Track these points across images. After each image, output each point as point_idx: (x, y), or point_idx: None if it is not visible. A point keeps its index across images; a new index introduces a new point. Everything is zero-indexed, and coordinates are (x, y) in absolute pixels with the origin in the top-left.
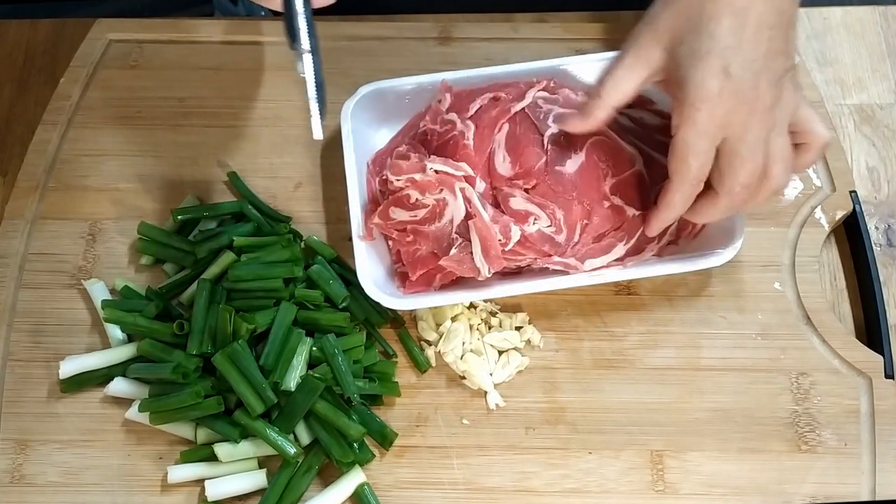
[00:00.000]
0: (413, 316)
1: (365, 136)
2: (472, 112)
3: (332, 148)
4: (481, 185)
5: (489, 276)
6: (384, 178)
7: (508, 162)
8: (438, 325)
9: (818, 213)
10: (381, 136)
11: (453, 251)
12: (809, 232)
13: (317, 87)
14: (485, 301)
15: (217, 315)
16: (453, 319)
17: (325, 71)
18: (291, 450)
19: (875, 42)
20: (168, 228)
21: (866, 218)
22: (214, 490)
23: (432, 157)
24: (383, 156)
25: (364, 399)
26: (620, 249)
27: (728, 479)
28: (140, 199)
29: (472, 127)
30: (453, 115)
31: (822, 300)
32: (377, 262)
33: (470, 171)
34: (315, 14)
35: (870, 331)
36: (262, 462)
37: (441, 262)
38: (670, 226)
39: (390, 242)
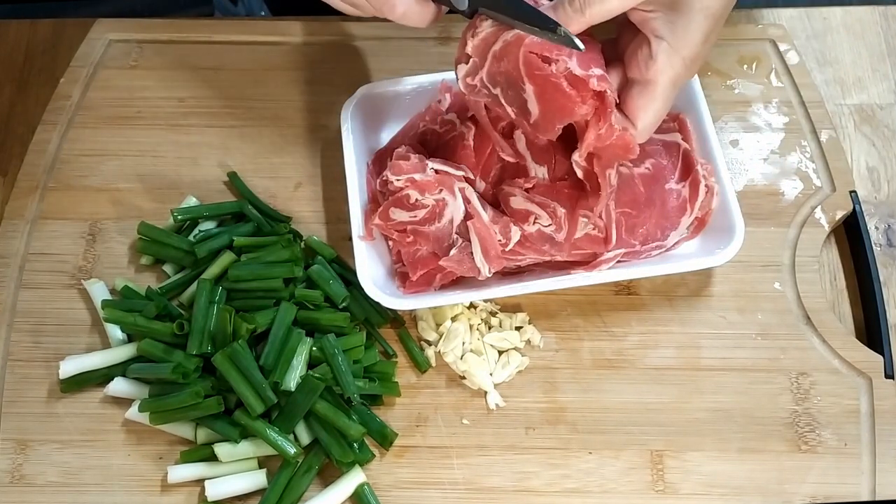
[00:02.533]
0: (413, 316)
1: (365, 136)
2: (471, 112)
3: (332, 148)
4: (481, 184)
5: (489, 276)
6: (384, 178)
7: None
8: (438, 325)
9: (818, 213)
10: (382, 136)
11: (453, 252)
12: (809, 232)
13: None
14: (485, 301)
15: (217, 315)
16: (453, 319)
17: (325, 71)
18: (291, 450)
19: (875, 42)
20: (168, 228)
21: (866, 218)
22: (214, 490)
23: (432, 157)
24: (383, 156)
25: (364, 399)
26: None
27: (728, 479)
28: (140, 199)
29: (472, 128)
30: (453, 116)
31: (822, 300)
32: (377, 262)
33: (469, 173)
34: (316, 14)
35: (870, 331)
36: (262, 462)
37: (441, 263)
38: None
39: (390, 243)
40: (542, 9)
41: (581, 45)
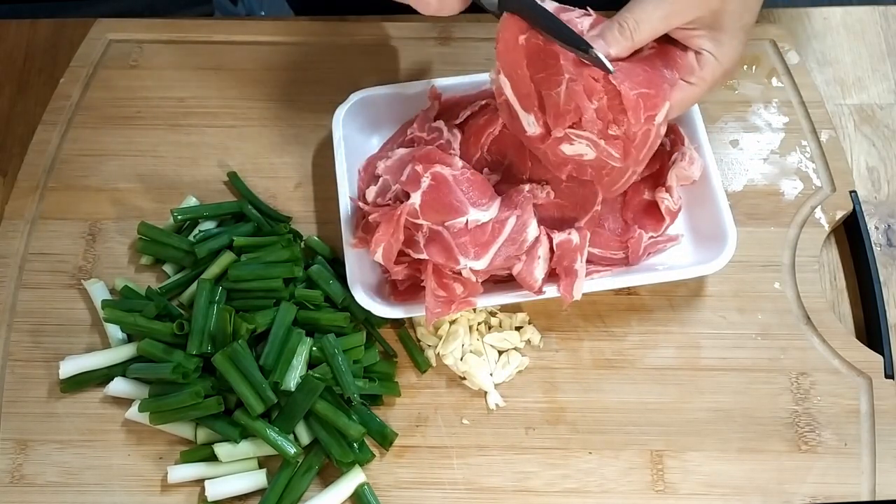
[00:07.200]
0: (412, 319)
1: (357, 142)
2: (461, 119)
3: (331, 148)
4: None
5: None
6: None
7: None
8: (437, 329)
9: (818, 213)
10: (374, 142)
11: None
12: (809, 232)
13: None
14: None
15: (217, 315)
16: (451, 323)
17: (325, 71)
18: (291, 450)
19: (875, 42)
20: (168, 228)
21: (866, 218)
22: (214, 490)
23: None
24: (373, 162)
25: (364, 399)
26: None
27: (728, 479)
28: (140, 199)
29: (459, 136)
30: (440, 123)
31: (822, 300)
32: (370, 269)
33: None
34: (315, 14)
35: (870, 331)
36: (262, 462)
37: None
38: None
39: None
40: (589, 33)
41: (612, 68)
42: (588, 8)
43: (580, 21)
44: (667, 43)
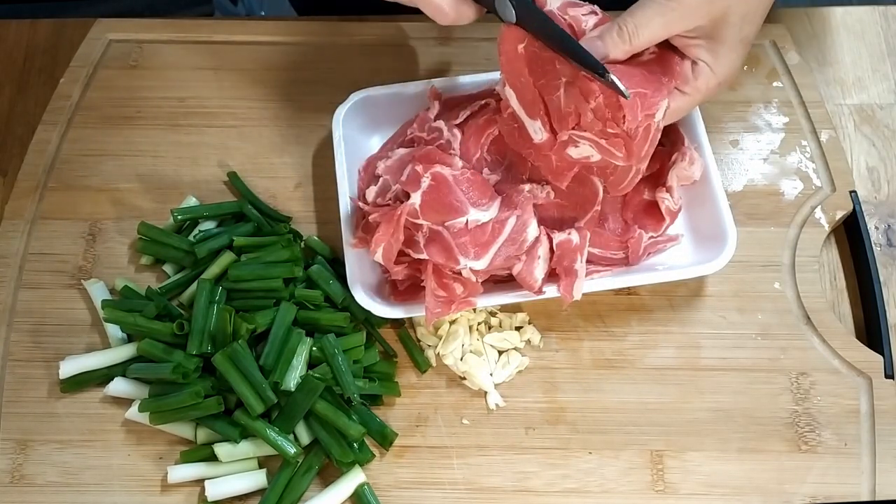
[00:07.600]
0: (413, 319)
1: (357, 142)
2: (461, 119)
3: (331, 148)
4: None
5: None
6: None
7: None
8: (437, 329)
9: (818, 213)
10: (374, 142)
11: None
12: (809, 232)
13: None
14: None
15: (217, 315)
16: (451, 323)
17: (325, 71)
18: (291, 450)
19: (875, 42)
20: (168, 228)
21: (866, 218)
22: (214, 490)
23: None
24: (373, 162)
25: (364, 399)
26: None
27: (728, 479)
28: (140, 199)
29: (459, 136)
30: (440, 123)
31: (822, 300)
32: (370, 269)
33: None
34: (315, 14)
35: (870, 331)
36: (262, 462)
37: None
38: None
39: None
40: (587, 38)
41: (627, 94)
42: (596, 7)
43: (586, 19)
44: (667, 49)
